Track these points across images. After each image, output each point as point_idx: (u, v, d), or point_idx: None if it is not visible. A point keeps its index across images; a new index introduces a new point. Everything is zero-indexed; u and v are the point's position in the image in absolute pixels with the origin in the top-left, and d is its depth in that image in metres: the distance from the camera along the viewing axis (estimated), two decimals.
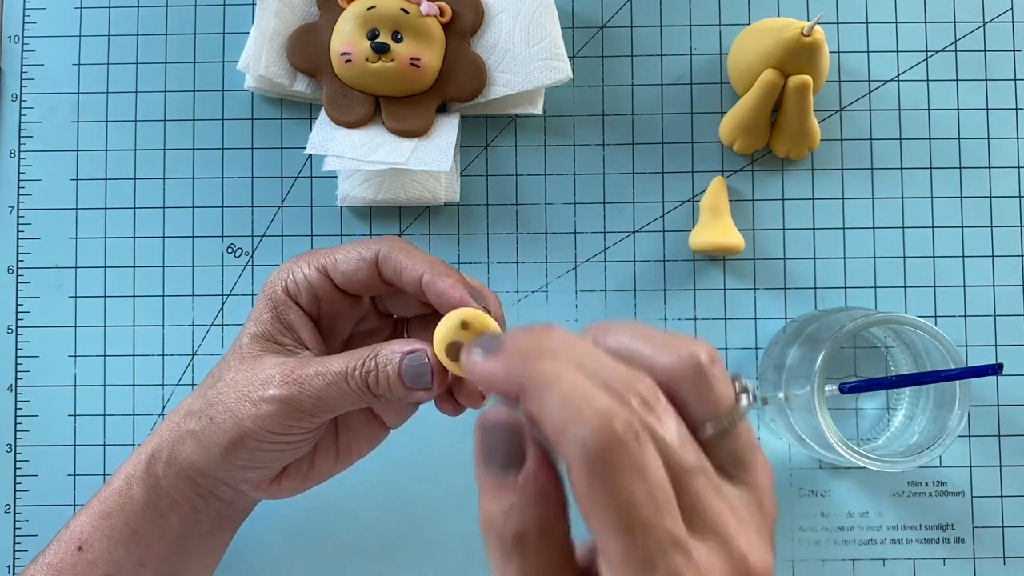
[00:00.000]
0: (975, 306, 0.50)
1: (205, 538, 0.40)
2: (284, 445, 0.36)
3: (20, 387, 0.51)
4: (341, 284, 0.37)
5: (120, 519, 0.38)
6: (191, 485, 0.37)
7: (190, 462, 0.37)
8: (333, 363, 0.35)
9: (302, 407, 0.34)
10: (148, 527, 0.38)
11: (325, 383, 0.34)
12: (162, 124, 0.52)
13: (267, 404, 0.34)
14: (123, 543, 0.38)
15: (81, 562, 0.37)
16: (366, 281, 0.36)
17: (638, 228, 0.51)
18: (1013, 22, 0.51)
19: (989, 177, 0.51)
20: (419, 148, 0.48)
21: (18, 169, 0.51)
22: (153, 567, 0.38)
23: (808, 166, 0.51)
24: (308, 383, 0.34)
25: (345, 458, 0.40)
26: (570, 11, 0.52)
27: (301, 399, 0.34)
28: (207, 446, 0.36)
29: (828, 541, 0.49)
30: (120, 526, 0.38)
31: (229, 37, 0.52)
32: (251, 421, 0.35)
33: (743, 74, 0.49)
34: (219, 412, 0.35)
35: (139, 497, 0.38)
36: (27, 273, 0.51)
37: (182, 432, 0.37)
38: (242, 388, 0.35)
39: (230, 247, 0.51)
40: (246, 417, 0.35)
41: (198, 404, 0.37)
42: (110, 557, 0.37)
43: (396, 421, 0.40)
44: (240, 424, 0.35)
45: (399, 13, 0.47)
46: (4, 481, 0.50)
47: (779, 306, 0.50)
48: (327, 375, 0.34)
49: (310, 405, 0.34)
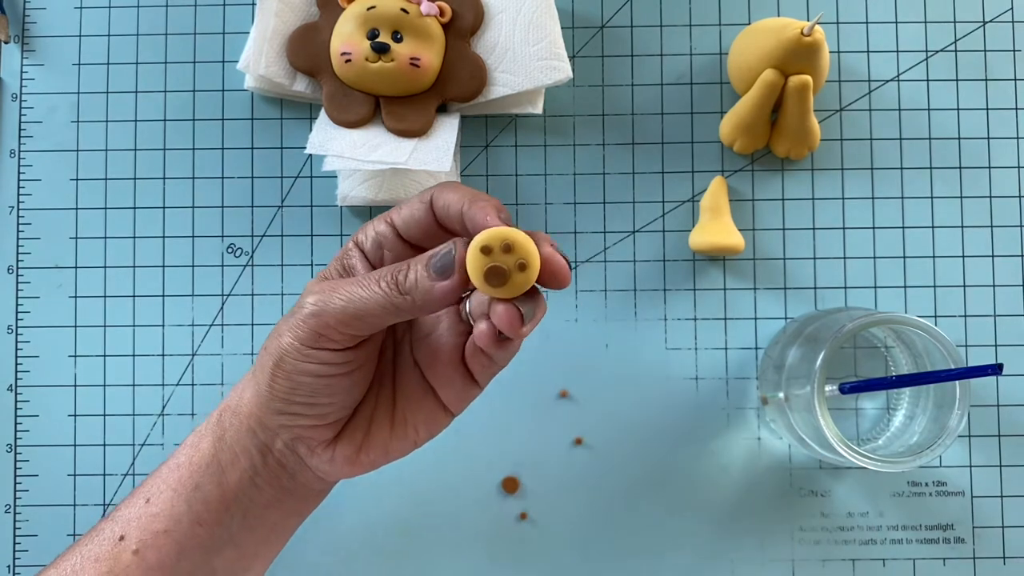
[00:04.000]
0: (975, 306, 0.50)
1: (266, 511, 0.39)
2: (320, 367, 0.36)
3: (20, 387, 0.51)
4: (402, 230, 0.37)
5: (187, 471, 0.38)
6: (251, 436, 0.38)
7: (248, 407, 0.37)
8: (370, 272, 0.36)
9: (336, 313, 0.35)
10: (210, 483, 0.38)
11: (358, 285, 0.35)
12: (162, 124, 0.52)
13: (304, 313, 0.35)
14: (185, 497, 0.37)
15: (145, 514, 0.37)
16: (424, 225, 0.37)
17: (638, 228, 0.51)
18: (1013, 22, 0.51)
19: (989, 177, 0.51)
20: (419, 148, 0.48)
21: (18, 169, 0.51)
22: (209, 528, 0.38)
23: (808, 166, 0.51)
24: (342, 287, 0.35)
25: (401, 431, 0.39)
26: (570, 11, 0.52)
27: (334, 302, 0.35)
28: (258, 380, 0.37)
29: (828, 541, 0.49)
30: (186, 479, 0.38)
31: (229, 37, 0.52)
32: (290, 335, 0.35)
33: (743, 74, 0.49)
34: (270, 342, 0.36)
35: (206, 450, 0.38)
36: (27, 273, 0.51)
37: (246, 379, 0.38)
38: (288, 316, 0.36)
39: (230, 247, 0.51)
40: (284, 333, 0.36)
41: (263, 353, 0.37)
42: (171, 511, 0.37)
43: (457, 403, 0.39)
44: (279, 342, 0.36)
45: (399, 13, 0.47)
46: (4, 481, 0.50)
47: (779, 306, 0.50)
48: (361, 279, 0.35)
49: (345, 309, 0.35)
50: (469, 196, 0.36)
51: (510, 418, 0.50)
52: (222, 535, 0.38)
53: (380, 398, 0.39)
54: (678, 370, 0.50)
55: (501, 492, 0.50)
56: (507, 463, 0.50)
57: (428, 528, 0.49)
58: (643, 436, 0.50)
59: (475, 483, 0.50)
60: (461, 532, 0.49)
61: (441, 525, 0.50)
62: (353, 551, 0.49)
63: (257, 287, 0.51)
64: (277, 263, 0.51)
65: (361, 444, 0.38)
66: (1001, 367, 0.42)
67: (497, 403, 0.49)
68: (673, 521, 0.49)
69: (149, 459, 0.50)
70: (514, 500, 0.50)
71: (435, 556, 0.49)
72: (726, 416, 0.50)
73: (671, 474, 0.50)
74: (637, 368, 0.50)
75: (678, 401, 0.50)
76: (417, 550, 0.49)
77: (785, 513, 0.49)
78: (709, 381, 0.50)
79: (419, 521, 0.50)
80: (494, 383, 0.37)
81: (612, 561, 0.49)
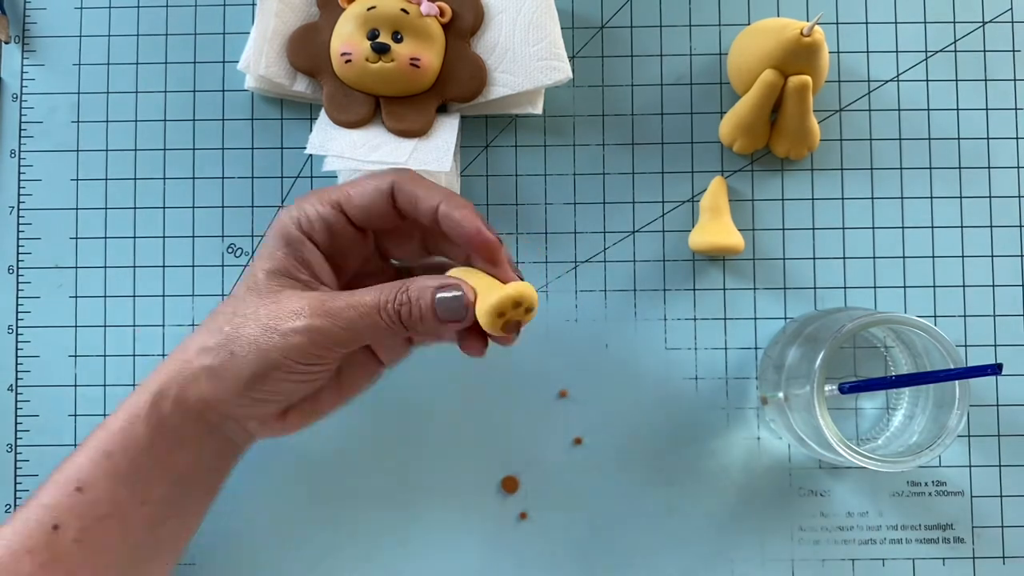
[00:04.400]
0: (975, 306, 0.50)
1: (205, 475, 0.40)
2: (306, 376, 0.36)
3: (20, 387, 0.51)
4: (356, 218, 0.37)
5: (123, 458, 0.37)
6: (199, 422, 0.38)
7: (202, 398, 0.37)
8: (364, 296, 0.36)
9: (334, 338, 0.35)
10: (151, 465, 0.38)
11: (357, 314, 0.35)
12: (162, 124, 0.52)
13: (297, 335, 0.35)
14: (125, 482, 0.37)
15: (80, 503, 0.37)
16: (381, 213, 0.37)
17: (638, 228, 0.51)
18: (1013, 22, 0.51)
19: (989, 177, 0.51)
20: (419, 148, 0.48)
21: (18, 169, 0.51)
22: (154, 505, 0.38)
23: (808, 166, 0.51)
24: (340, 315, 0.35)
25: (347, 393, 0.41)
26: (570, 11, 0.52)
27: (333, 330, 0.35)
28: (226, 380, 0.36)
29: (828, 541, 0.49)
30: (123, 465, 0.37)
31: (229, 37, 0.52)
32: (279, 352, 0.35)
33: (743, 74, 0.49)
34: (241, 346, 0.36)
35: (143, 436, 0.37)
36: (27, 273, 0.51)
37: (195, 368, 0.37)
38: (266, 321, 0.36)
39: (230, 247, 0.51)
40: (273, 349, 0.35)
41: (213, 340, 0.37)
42: (111, 497, 0.37)
43: (392, 358, 0.41)
44: (266, 356, 0.35)
45: (399, 13, 0.47)
46: (4, 481, 0.50)
47: (779, 306, 0.50)
48: (359, 307, 0.35)
49: (343, 336, 0.35)
50: (442, 195, 0.36)
51: (510, 418, 0.50)
52: (165, 510, 0.39)
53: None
54: (678, 370, 0.50)
55: (501, 492, 0.50)
56: (507, 463, 0.50)
57: (428, 528, 0.49)
58: (643, 436, 0.50)
59: (475, 483, 0.50)
60: (461, 532, 0.50)
61: (441, 525, 0.50)
62: (353, 551, 0.49)
63: None
64: None
65: (310, 411, 0.40)
66: (1001, 367, 0.42)
67: (497, 403, 0.50)
68: (673, 521, 0.50)
69: None
70: (514, 500, 0.50)
71: (435, 556, 0.49)
72: (726, 416, 0.50)
73: (671, 474, 0.50)
74: (637, 368, 0.50)
75: (678, 401, 0.50)
76: (417, 550, 0.49)
77: (785, 513, 0.50)
78: (709, 381, 0.50)
79: (419, 521, 0.50)
80: (494, 383, 0.37)
81: (612, 561, 0.49)
